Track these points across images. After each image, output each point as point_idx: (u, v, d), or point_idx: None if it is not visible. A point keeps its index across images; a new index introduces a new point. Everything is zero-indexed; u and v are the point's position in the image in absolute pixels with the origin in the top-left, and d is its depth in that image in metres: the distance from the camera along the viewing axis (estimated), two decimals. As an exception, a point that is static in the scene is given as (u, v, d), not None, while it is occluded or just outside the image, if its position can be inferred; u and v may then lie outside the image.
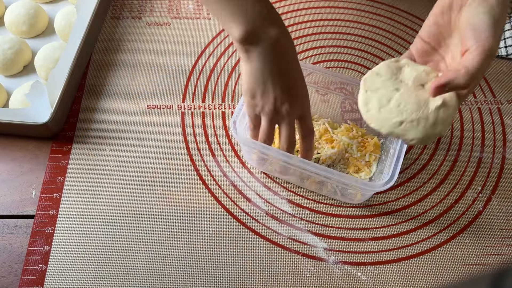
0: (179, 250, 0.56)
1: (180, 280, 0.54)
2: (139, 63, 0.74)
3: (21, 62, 0.71)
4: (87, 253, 0.56)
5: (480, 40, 0.42)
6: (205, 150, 0.65)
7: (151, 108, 0.69)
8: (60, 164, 0.62)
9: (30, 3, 0.74)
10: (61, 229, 0.57)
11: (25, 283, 0.53)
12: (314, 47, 0.76)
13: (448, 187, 0.63)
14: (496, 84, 0.73)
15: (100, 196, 0.60)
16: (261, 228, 0.58)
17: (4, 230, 0.57)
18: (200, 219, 0.59)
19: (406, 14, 0.82)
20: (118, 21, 0.79)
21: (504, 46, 0.76)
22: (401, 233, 0.59)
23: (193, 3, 0.82)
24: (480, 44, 0.41)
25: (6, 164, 0.63)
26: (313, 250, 0.57)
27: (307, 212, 0.60)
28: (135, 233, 0.57)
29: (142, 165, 0.63)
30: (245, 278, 0.55)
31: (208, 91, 0.71)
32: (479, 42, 0.41)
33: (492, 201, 0.61)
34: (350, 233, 0.58)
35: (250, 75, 0.50)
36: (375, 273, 0.55)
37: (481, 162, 0.65)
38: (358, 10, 0.82)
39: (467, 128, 0.68)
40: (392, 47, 0.77)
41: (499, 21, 0.42)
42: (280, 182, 0.62)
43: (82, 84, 0.70)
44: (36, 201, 0.59)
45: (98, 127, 0.66)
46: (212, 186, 0.61)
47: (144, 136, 0.66)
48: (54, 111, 0.62)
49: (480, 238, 0.58)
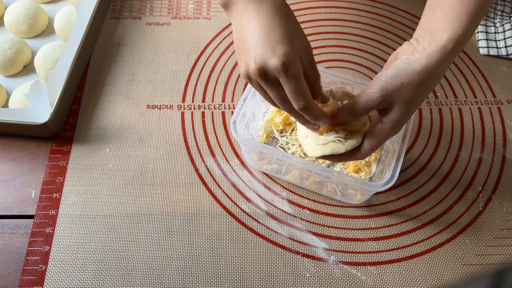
0: (179, 250, 0.56)
1: (179, 281, 0.54)
2: (139, 63, 0.74)
3: (21, 62, 0.71)
4: (87, 253, 0.56)
5: (369, 88, 0.47)
6: (205, 150, 0.65)
7: (151, 108, 0.69)
8: (60, 164, 0.62)
9: (30, 3, 0.74)
10: (61, 229, 0.57)
11: (25, 283, 0.53)
12: (314, 47, 0.76)
13: (448, 187, 0.63)
14: (496, 84, 0.73)
15: (100, 196, 0.60)
16: (261, 228, 0.58)
17: (4, 230, 0.57)
18: (200, 219, 0.59)
19: (406, 14, 0.82)
20: (118, 21, 0.79)
21: (504, 46, 0.76)
22: (401, 233, 0.59)
23: (193, 3, 0.82)
24: (367, 91, 0.47)
25: (6, 164, 0.63)
26: (313, 250, 0.57)
27: (307, 212, 0.60)
28: (135, 233, 0.57)
29: (142, 165, 0.63)
30: (245, 278, 0.55)
31: (208, 91, 0.71)
32: (368, 90, 0.47)
33: (492, 201, 0.61)
34: (350, 233, 0.58)
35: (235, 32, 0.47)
36: (375, 273, 0.55)
37: (481, 162, 0.65)
38: (358, 10, 0.82)
39: (467, 128, 0.68)
40: (392, 47, 0.77)
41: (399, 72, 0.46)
42: (280, 182, 0.62)
43: (82, 84, 0.70)
44: (36, 201, 0.59)
45: (98, 127, 0.66)
46: (212, 186, 0.61)
47: (144, 136, 0.66)
48: (54, 111, 0.62)
49: (480, 238, 0.58)
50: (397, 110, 0.46)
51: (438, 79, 0.47)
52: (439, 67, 0.45)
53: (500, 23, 0.78)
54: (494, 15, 0.80)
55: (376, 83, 0.46)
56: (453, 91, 0.72)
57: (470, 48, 0.77)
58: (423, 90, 0.46)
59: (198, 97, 0.70)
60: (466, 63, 0.76)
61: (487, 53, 0.76)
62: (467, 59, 0.76)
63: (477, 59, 0.76)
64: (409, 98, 0.46)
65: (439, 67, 0.45)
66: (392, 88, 0.45)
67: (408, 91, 0.45)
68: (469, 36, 0.47)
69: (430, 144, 0.67)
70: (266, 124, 0.64)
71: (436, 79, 0.47)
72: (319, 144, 0.51)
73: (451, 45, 0.45)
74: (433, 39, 0.46)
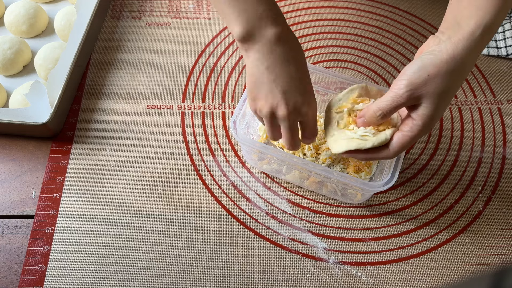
0: (179, 250, 0.56)
1: (179, 281, 0.54)
2: (139, 63, 0.74)
3: (21, 62, 0.71)
4: (87, 253, 0.56)
5: (395, 85, 0.45)
6: (205, 150, 0.65)
7: (151, 108, 0.69)
8: (60, 164, 0.62)
9: (30, 3, 0.74)
10: (61, 229, 0.57)
11: (25, 283, 0.53)
12: (314, 47, 0.76)
13: (448, 187, 0.63)
14: (496, 84, 0.73)
15: (100, 196, 0.60)
16: (261, 228, 0.58)
17: (4, 230, 0.57)
18: (199, 219, 0.59)
19: (406, 14, 0.81)
20: (118, 21, 0.79)
21: (504, 46, 0.76)
22: (401, 233, 0.59)
23: (193, 3, 0.82)
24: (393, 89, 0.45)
25: (6, 164, 0.63)
26: (313, 250, 0.57)
27: (307, 212, 0.60)
28: (134, 233, 0.57)
29: (142, 165, 0.63)
30: (245, 278, 0.55)
31: (208, 91, 0.71)
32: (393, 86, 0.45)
33: (492, 201, 0.61)
34: (350, 233, 0.58)
35: (250, 75, 0.49)
36: (375, 273, 0.55)
37: (481, 162, 0.65)
38: (358, 10, 0.82)
39: (467, 128, 0.68)
40: (392, 47, 0.77)
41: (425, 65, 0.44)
42: (280, 182, 0.62)
43: (82, 84, 0.70)
44: (36, 201, 0.59)
45: (98, 127, 0.66)
46: (212, 186, 0.61)
47: (144, 136, 0.66)
48: (54, 111, 0.62)
49: (480, 238, 0.58)
50: (427, 104, 0.44)
51: (468, 68, 0.44)
52: (468, 55, 0.43)
53: (500, 23, 0.78)
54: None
55: (402, 78, 0.44)
56: (453, 91, 0.72)
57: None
58: (452, 80, 0.43)
59: (198, 97, 0.70)
60: (466, 63, 0.76)
61: (487, 53, 0.76)
62: (467, 59, 0.76)
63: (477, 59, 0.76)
64: (439, 90, 0.43)
65: (468, 55, 0.43)
66: (419, 81, 0.43)
67: (436, 82, 0.43)
68: (498, 23, 0.44)
69: (430, 144, 0.67)
70: (266, 124, 0.64)
71: (466, 68, 0.44)
72: (344, 138, 0.50)
73: (479, 31, 0.42)
74: (459, 27, 0.43)
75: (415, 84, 0.44)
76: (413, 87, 0.44)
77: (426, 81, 0.43)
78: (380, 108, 0.46)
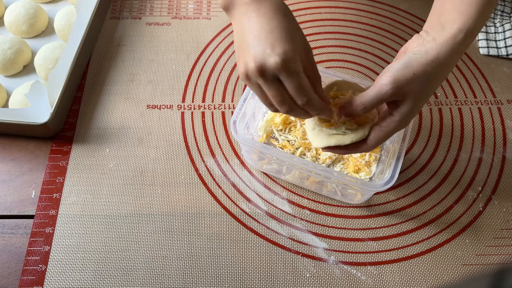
0: (179, 250, 0.56)
1: (179, 281, 0.54)
2: (139, 63, 0.74)
3: (21, 62, 0.71)
4: (87, 253, 0.56)
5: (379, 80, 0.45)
6: (205, 150, 0.65)
7: (151, 108, 0.69)
8: (60, 164, 0.62)
9: (30, 3, 0.74)
10: (61, 229, 0.57)
11: (25, 283, 0.53)
12: (314, 47, 0.76)
13: (448, 187, 0.63)
14: (496, 84, 0.73)
15: (100, 196, 0.60)
16: (261, 228, 0.58)
17: (4, 230, 0.57)
18: (199, 219, 0.59)
19: (406, 14, 0.81)
20: (118, 21, 0.79)
21: (504, 46, 0.76)
22: (401, 233, 0.59)
23: (193, 3, 0.82)
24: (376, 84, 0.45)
25: (6, 164, 0.63)
26: (313, 250, 0.57)
27: (307, 212, 0.60)
28: (135, 233, 0.57)
29: (142, 165, 0.63)
30: (245, 278, 0.55)
31: (208, 91, 0.71)
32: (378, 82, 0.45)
33: (492, 201, 0.61)
34: (350, 233, 0.58)
35: (235, 37, 0.48)
36: (375, 273, 0.55)
37: (481, 162, 0.65)
38: (358, 10, 0.82)
39: (467, 128, 0.68)
40: (392, 47, 0.77)
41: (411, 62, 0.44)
42: (280, 182, 0.62)
43: (82, 84, 0.70)
44: (36, 201, 0.59)
45: (98, 127, 0.66)
46: (212, 186, 0.61)
47: (144, 136, 0.66)
48: (53, 111, 0.62)
49: (480, 238, 0.58)
50: (408, 102, 0.45)
51: (449, 70, 0.46)
52: (450, 58, 0.45)
53: (500, 23, 0.78)
54: (494, 15, 0.80)
55: (387, 74, 0.45)
56: (453, 91, 0.72)
57: (470, 48, 0.77)
58: (435, 80, 0.45)
59: (198, 97, 0.70)
60: (466, 63, 0.76)
61: (487, 53, 0.76)
62: (467, 59, 0.76)
63: (477, 59, 0.76)
64: (422, 90, 0.45)
65: (450, 58, 0.45)
66: (404, 79, 0.44)
67: (420, 82, 0.44)
68: (480, 27, 0.46)
69: (430, 144, 0.67)
70: (266, 124, 0.64)
71: (447, 70, 0.46)
72: (324, 134, 0.51)
73: (461, 35, 0.44)
74: (442, 30, 0.45)
75: (400, 82, 0.44)
76: (398, 85, 0.44)
77: (411, 80, 0.44)
78: (363, 103, 0.47)
